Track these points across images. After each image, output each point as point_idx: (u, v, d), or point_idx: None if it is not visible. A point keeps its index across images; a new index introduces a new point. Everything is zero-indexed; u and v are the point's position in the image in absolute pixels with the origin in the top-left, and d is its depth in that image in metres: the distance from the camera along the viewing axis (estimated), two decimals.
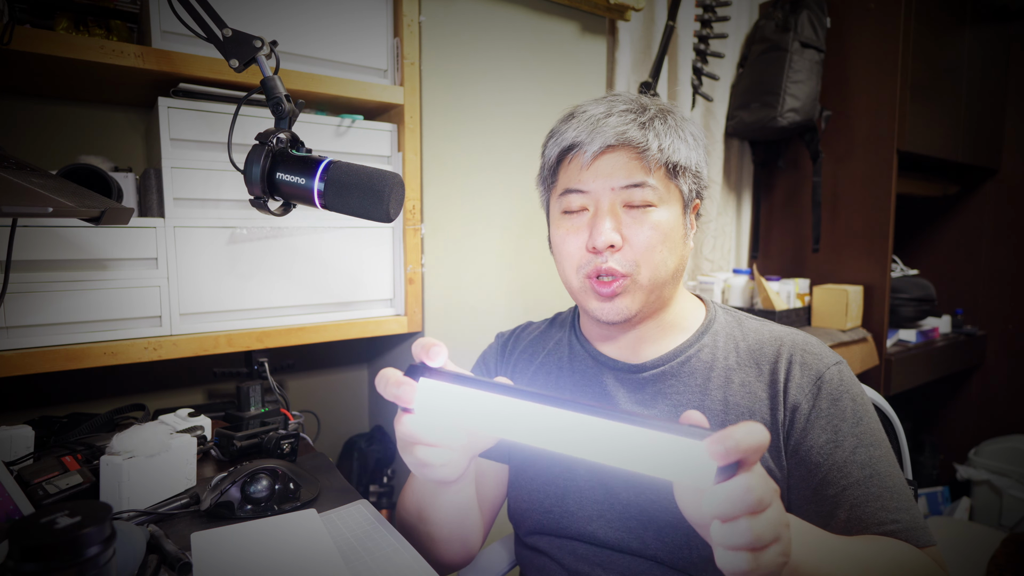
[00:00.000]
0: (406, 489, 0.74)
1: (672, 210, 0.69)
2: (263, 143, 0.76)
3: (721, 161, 2.03)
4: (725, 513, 0.39)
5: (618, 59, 1.71)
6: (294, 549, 0.61)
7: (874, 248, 1.92)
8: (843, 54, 1.94)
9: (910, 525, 0.60)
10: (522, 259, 1.43)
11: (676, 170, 0.69)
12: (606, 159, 0.68)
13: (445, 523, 0.69)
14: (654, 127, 0.68)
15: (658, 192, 0.68)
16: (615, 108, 0.69)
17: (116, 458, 0.71)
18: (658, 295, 0.70)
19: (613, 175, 0.67)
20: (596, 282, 0.68)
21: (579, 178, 0.69)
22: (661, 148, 0.67)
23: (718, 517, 0.39)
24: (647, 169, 0.67)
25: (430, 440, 0.52)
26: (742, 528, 0.38)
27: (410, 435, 0.52)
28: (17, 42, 0.82)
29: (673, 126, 0.70)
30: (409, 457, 0.54)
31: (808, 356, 0.69)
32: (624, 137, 0.66)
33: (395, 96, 1.16)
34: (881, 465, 0.63)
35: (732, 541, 0.39)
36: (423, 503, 0.68)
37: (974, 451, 2.34)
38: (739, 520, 0.38)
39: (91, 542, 0.38)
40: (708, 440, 0.39)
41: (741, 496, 0.38)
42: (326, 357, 1.49)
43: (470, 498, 0.69)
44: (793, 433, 0.66)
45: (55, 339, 0.89)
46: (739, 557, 0.39)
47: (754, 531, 0.38)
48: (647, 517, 0.69)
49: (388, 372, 0.50)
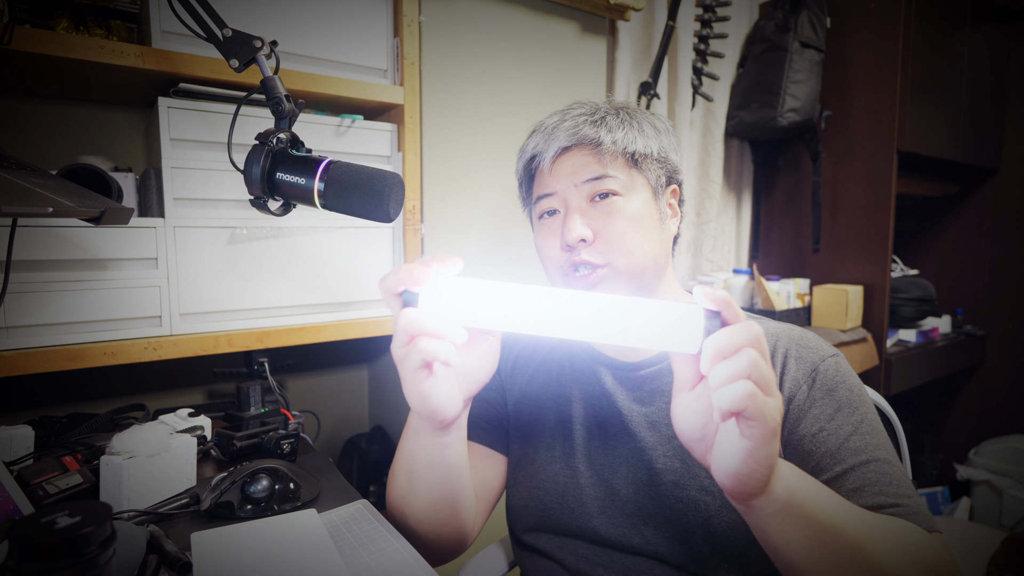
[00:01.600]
0: (396, 461, 0.69)
1: (640, 197, 0.72)
2: (263, 143, 0.76)
3: (721, 161, 2.03)
4: (726, 345, 0.43)
5: (618, 59, 1.71)
6: (294, 549, 0.61)
7: (874, 248, 1.92)
8: (843, 54, 1.94)
9: (914, 510, 0.57)
10: (522, 258, 1.43)
11: (636, 159, 0.72)
12: (565, 160, 0.72)
13: (437, 486, 0.65)
14: (606, 123, 0.72)
15: (620, 181, 0.71)
16: (569, 114, 0.74)
17: (116, 458, 0.71)
18: (641, 282, 0.71)
19: (573, 173, 0.71)
20: (574, 277, 0.71)
21: (544, 183, 0.74)
22: (615, 140, 0.71)
23: (719, 354, 0.43)
24: (605, 162, 0.70)
25: (433, 329, 0.50)
26: (742, 356, 0.42)
27: (415, 322, 0.50)
28: (17, 42, 0.82)
29: (626, 120, 0.73)
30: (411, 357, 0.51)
31: (804, 350, 0.69)
32: (577, 136, 0.71)
33: (395, 96, 1.16)
34: (879, 452, 0.61)
35: (733, 368, 0.42)
36: (414, 463, 0.65)
37: (974, 451, 2.34)
38: (741, 350, 0.42)
39: (91, 542, 0.38)
40: (699, 287, 0.45)
41: (740, 330, 0.43)
42: (326, 357, 1.49)
43: (462, 459, 0.65)
44: (787, 424, 0.66)
45: (55, 339, 0.89)
46: (741, 385, 0.42)
47: (752, 356, 0.42)
48: (648, 513, 0.69)
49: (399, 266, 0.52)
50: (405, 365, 0.53)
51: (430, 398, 0.55)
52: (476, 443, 0.80)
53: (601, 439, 0.74)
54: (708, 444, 0.48)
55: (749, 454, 0.43)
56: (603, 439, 0.74)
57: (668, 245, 0.75)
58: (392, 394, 1.44)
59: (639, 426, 0.72)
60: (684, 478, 0.68)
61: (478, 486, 0.77)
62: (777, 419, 0.43)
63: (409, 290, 0.50)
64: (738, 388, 0.41)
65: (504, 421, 0.82)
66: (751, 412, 0.41)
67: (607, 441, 0.74)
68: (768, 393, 0.43)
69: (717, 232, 2.10)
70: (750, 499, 0.47)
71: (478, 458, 0.79)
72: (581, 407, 0.77)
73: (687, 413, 0.48)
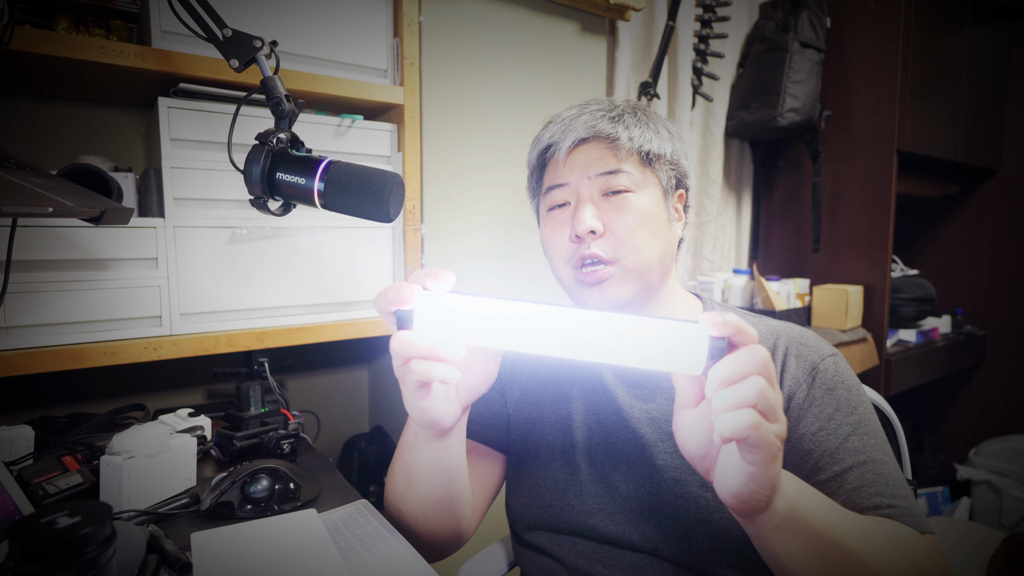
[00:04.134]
0: (395, 460, 0.70)
1: (651, 195, 0.72)
2: (263, 143, 0.76)
3: (721, 161, 2.03)
4: (732, 373, 0.42)
5: (618, 59, 1.71)
6: (294, 549, 0.61)
7: (874, 248, 1.92)
8: (843, 54, 1.94)
9: (908, 511, 0.58)
10: (522, 258, 1.43)
11: (650, 158, 0.72)
12: (580, 152, 0.72)
13: (434, 487, 0.65)
14: (624, 120, 0.72)
15: (634, 178, 0.71)
16: (587, 108, 0.74)
17: (116, 458, 0.71)
18: (647, 282, 0.71)
19: (588, 165, 0.71)
20: (582, 272, 0.70)
21: (557, 173, 0.74)
22: (631, 138, 0.71)
23: (726, 381, 0.42)
24: (620, 157, 0.71)
25: (427, 351, 0.50)
26: (749, 385, 0.41)
27: (408, 345, 0.50)
28: (17, 42, 0.82)
29: (643, 119, 0.73)
30: (407, 378, 0.52)
31: (803, 348, 0.69)
32: (595, 130, 0.71)
33: (395, 96, 1.16)
34: (876, 452, 0.62)
35: (738, 396, 0.41)
36: (412, 464, 0.65)
37: (974, 451, 2.34)
38: (748, 378, 0.41)
39: (91, 542, 0.38)
40: (706, 314, 0.43)
41: (749, 355, 0.42)
42: (326, 357, 1.49)
43: (461, 461, 0.65)
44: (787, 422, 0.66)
45: (55, 339, 0.89)
46: (744, 414, 0.41)
47: (760, 386, 0.41)
48: (647, 510, 0.69)
49: (389, 285, 0.51)
50: (404, 383, 0.54)
51: (430, 413, 0.56)
52: (474, 441, 0.80)
53: (601, 436, 0.74)
54: (711, 461, 0.47)
55: (751, 477, 0.43)
56: (603, 436, 0.74)
57: (673, 247, 0.75)
58: (392, 394, 1.44)
59: (639, 423, 0.72)
60: (684, 474, 0.68)
61: (475, 484, 0.77)
62: (779, 444, 0.43)
63: (402, 310, 0.50)
64: (741, 417, 0.40)
65: (503, 420, 0.82)
66: (753, 440, 0.41)
67: (607, 438, 0.74)
68: (773, 420, 0.42)
69: (717, 232, 2.09)
70: (752, 516, 0.47)
71: (476, 456, 0.79)
72: (581, 404, 0.77)
73: (690, 431, 0.48)
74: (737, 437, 0.41)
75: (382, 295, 0.51)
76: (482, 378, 0.59)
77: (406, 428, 0.65)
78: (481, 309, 0.48)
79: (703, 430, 0.47)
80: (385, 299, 0.51)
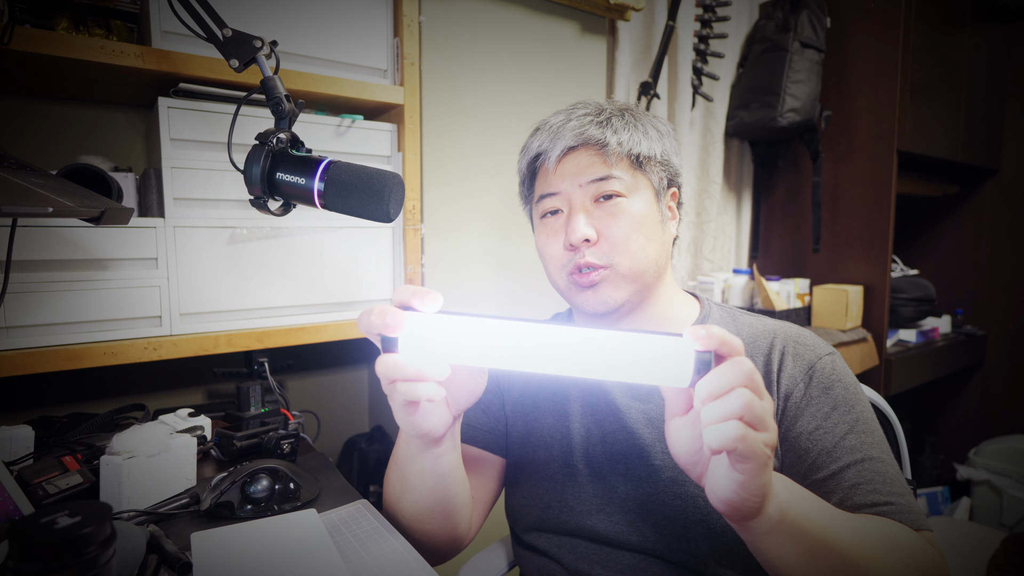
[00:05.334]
0: (390, 465, 0.70)
1: (643, 198, 0.72)
2: (263, 143, 0.76)
3: (721, 161, 2.03)
4: (718, 387, 0.41)
5: (618, 59, 1.71)
6: (294, 549, 0.61)
7: (874, 248, 1.92)
8: (843, 54, 1.94)
9: (905, 508, 0.59)
10: (522, 259, 1.43)
11: (640, 160, 0.72)
12: (570, 159, 0.72)
13: (429, 492, 0.65)
14: (611, 124, 0.72)
15: (625, 183, 0.71)
16: (574, 114, 0.74)
17: (116, 458, 0.71)
18: (642, 284, 0.72)
19: (579, 173, 0.71)
20: (577, 276, 0.71)
21: (548, 182, 0.74)
22: (620, 142, 0.71)
23: (712, 394, 0.42)
24: (610, 163, 0.70)
25: (412, 374, 0.50)
26: (734, 397, 0.41)
27: (393, 368, 0.50)
28: (17, 42, 0.82)
29: (631, 122, 0.73)
30: (394, 398, 0.53)
31: (801, 347, 0.69)
32: (583, 137, 0.71)
33: (395, 96, 1.16)
34: (873, 450, 0.62)
35: (725, 409, 0.41)
36: (406, 470, 0.65)
37: (974, 451, 2.34)
38: (733, 391, 0.41)
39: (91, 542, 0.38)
40: (689, 327, 0.43)
41: (734, 368, 0.42)
42: (326, 357, 1.49)
43: (455, 466, 0.65)
44: (784, 421, 0.66)
45: (55, 339, 0.89)
46: (731, 426, 0.41)
47: (746, 398, 0.41)
48: (645, 510, 0.69)
49: (373, 307, 0.50)
50: (391, 401, 0.54)
51: (419, 426, 0.56)
52: (472, 446, 0.79)
53: (599, 437, 0.74)
54: (703, 468, 0.48)
55: (741, 485, 0.43)
56: (601, 436, 0.74)
57: (668, 247, 0.76)
58: None
59: (637, 423, 0.72)
60: (682, 474, 0.68)
61: (475, 489, 0.77)
62: (769, 453, 0.43)
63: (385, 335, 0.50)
64: (728, 429, 0.41)
65: (500, 424, 0.82)
66: (741, 451, 0.41)
67: (605, 438, 0.74)
68: (762, 429, 0.42)
69: (717, 232, 2.10)
70: (744, 521, 0.47)
71: (474, 461, 0.79)
72: (579, 405, 0.77)
73: (680, 437, 0.48)
74: (725, 449, 0.41)
75: (365, 317, 0.50)
76: (471, 389, 0.58)
77: (399, 435, 0.65)
78: (466, 328, 0.48)
79: (693, 437, 0.47)
80: (369, 322, 0.50)
